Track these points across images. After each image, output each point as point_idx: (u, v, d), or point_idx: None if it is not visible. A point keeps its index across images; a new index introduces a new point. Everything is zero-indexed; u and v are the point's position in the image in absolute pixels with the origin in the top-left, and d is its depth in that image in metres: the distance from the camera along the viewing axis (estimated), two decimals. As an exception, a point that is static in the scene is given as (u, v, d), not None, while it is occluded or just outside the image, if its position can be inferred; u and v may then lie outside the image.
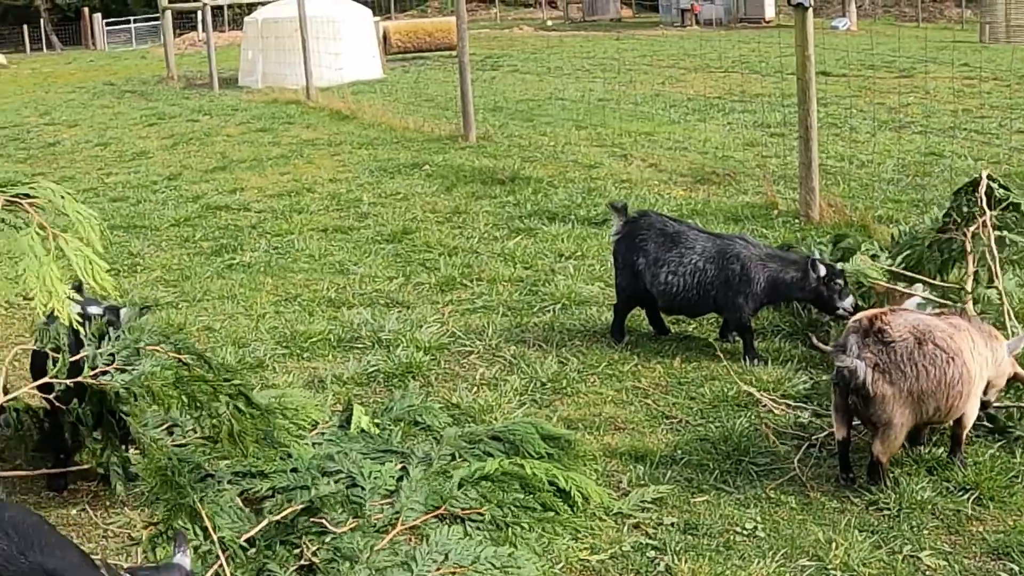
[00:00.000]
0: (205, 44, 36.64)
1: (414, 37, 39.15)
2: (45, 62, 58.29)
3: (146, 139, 21.71)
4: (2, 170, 19.46)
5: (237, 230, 13.15)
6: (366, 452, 6.73)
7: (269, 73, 31.34)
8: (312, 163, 17.20)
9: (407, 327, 9.18)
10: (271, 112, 23.71)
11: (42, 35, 77.32)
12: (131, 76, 39.65)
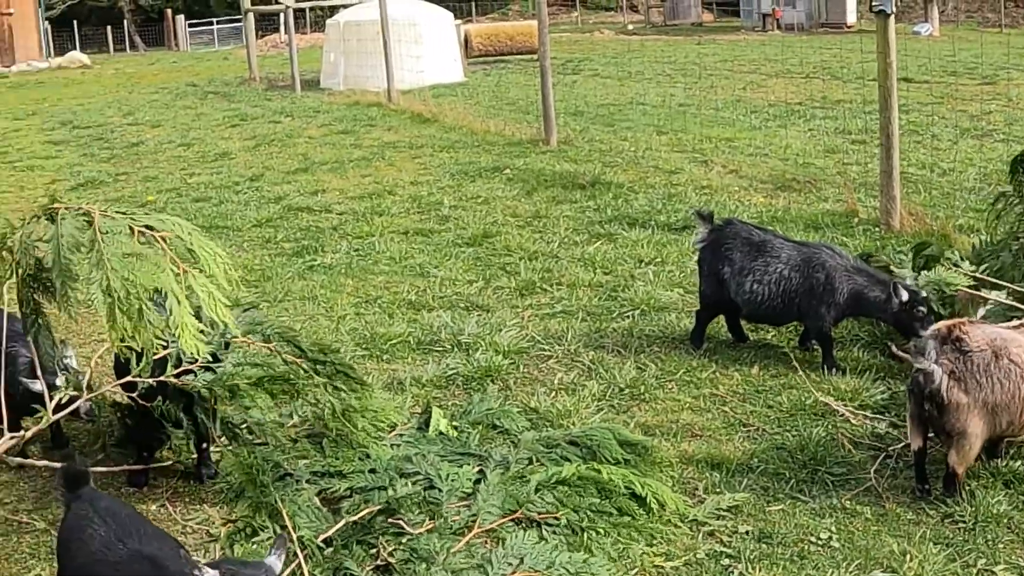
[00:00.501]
0: (287, 46, 36.90)
1: (495, 40, 39.25)
2: (128, 63, 58.90)
3: (228, 140, 21.93)
4: (87, 169, 19.74)
5: (318, 231, 13.25)
6: (444, 454, 6.79)
7: (351, 75, 31.51)
8: (393, 165, 17.29)
9: (487, 331, 9.22)
10: (353, 114, 23.83)
11: (125, 36, 78.11)
12: (213, 77, 39.97)
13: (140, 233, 6.06)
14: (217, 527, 6.50)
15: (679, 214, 12.79)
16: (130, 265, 5.85)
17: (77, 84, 44.65)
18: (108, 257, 5.87)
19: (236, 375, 6.28)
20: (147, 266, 5.87)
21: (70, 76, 50.31)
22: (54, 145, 24.24)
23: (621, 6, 79.32)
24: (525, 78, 31.46)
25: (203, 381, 6.31)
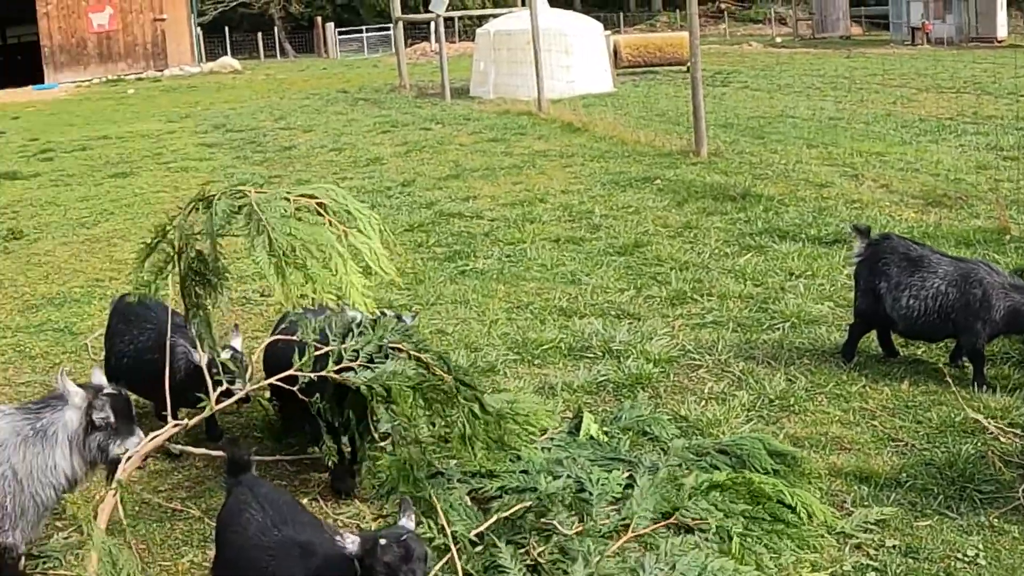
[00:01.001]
0: (436, 54, 37.15)
1: (644, 52, 39.26)
2: (279, 69, 59.71)
3: (380, 146, 22.21)
4: (240, 172, 20.11)
5: (470, 237, 13.41)
6: (594, 459, 6.85)
7: (500, 84, 31.70)
8: (544, 174, 17.40)
9: (637, 339, 9.28)
10: (503, 123, 24.00)
11: (275, 42, 79.14)
12: (363, 84, 40.38)
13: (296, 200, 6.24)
14: (368, 522, 6.68)
15: (829, 228, 12.74)
16: (290, 224, 6.03)
17: (229, 89, 45.40)
18: (267, 220, 6.05)
19: (394, 376, 6.39)
20: (306, 225, 6.03)
21: (222, 81, 51.17)
22: (207, 147, 24.75)
23: (769, 19, 78.93)
24: (674, 89, 31.46)
25: (363, 379, 6.44)
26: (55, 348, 10.77)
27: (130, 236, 15.54)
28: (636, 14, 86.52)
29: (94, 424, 6.00)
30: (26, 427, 5.94)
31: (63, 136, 30.61)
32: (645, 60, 38.85)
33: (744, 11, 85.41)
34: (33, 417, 5.98)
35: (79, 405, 5.99)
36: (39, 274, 13.86)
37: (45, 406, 6.05)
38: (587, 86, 30.93)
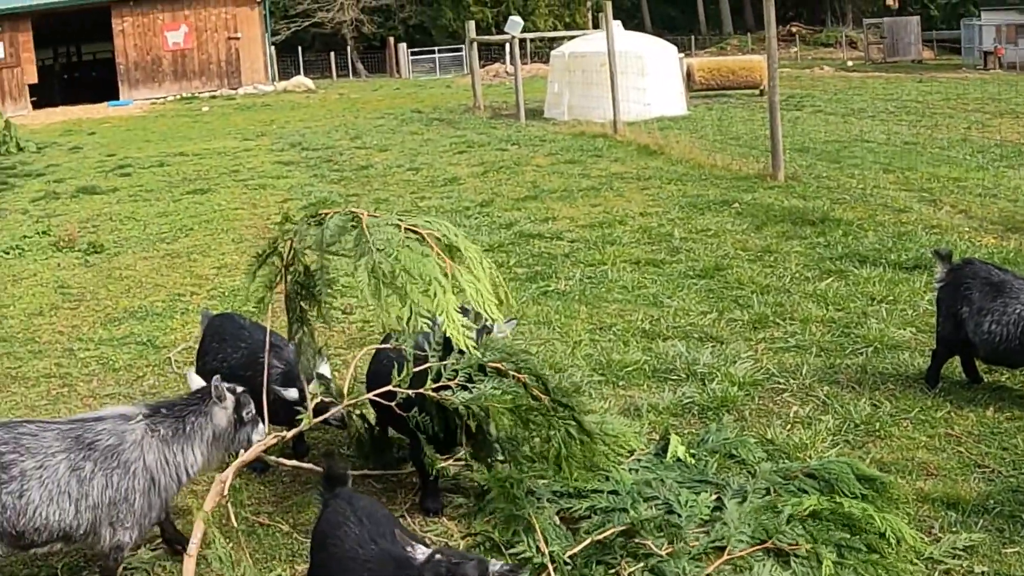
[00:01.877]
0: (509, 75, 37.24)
1: (717, 75, 39.21)
2: (352, 88, 59.97)
3: (456, 166, 22.30)
4: (317, 190, 20.26)
5: (551, 258, 13.47)
6: (682, 481, 6.89)
7: (575, 106, 31.74)
8: (622, 196, 17.41)
9: (721, 361, 9.32)
10: (579, 144, 24.01)
11: (348, 62, 79.51)
12: (437, 104, 40.51)
13: (406, 229, 6.33)
14: (456, 540, 6.71)
15: (909, 253, 12.69)
16: (396, 250, 6.12)
17: (303, 107, 45.67)
18: (374, 242, 6.15)
19: (492, 397, 6.46)
20: (413, 254, 6.12)
21: (295, 99, 51.46)
22: (284, 165, 24.93)
23: (840, 42, 78.69)
24: (747, 113, 31.41)
25: (462, 399, 6.51)
26: (138, 361, 10.92)
27: (210, 252, 15.72)
28: (707, 36, 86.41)
29: (242, 420, 6.52)
30: (167, 428, 6.32)
31: (140, 152, 30.92)
32: (718, 83, 38.80)
33: (815, 35, 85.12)
34: (175, 420, 6.37)
35: (228, 407, 6.47)
36: (120, 288, 14.03)
37: (189, 412, 6.43)
38: (662, 108, 30.90)
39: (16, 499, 5.96)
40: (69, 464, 6.06)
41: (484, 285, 6.29)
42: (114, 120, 47.07)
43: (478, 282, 6.26)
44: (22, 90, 58.56)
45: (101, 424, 6.27)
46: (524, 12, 71.14)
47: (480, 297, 6.24)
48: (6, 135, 34.96)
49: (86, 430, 6.21)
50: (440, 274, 6.15)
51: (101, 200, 22.11)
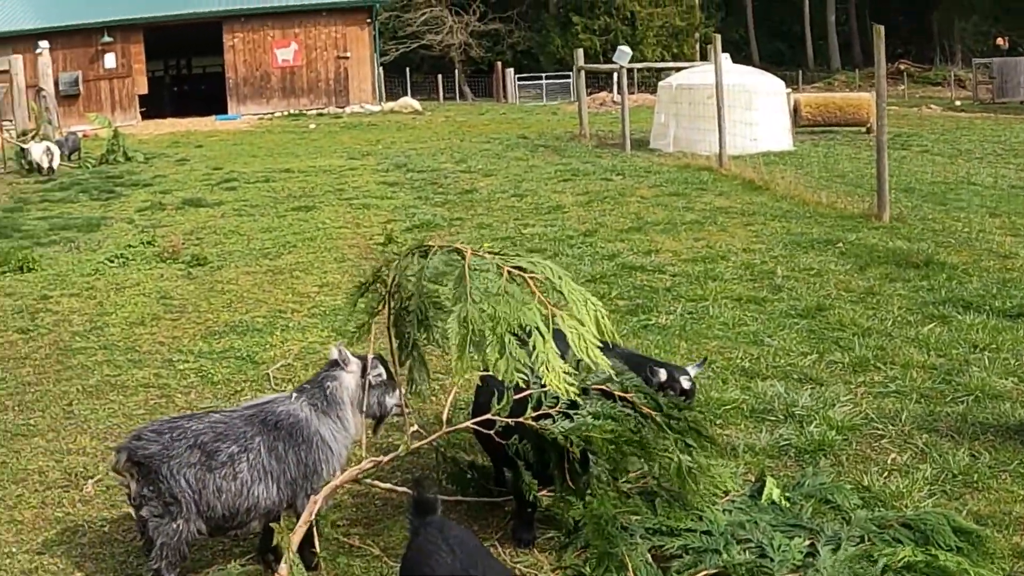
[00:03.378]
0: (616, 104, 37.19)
1: (824, 111, 38.95)
2: (458, 111, 60.22)
3: (561, 194, 22.30)
4: (421, 212, 20.36)
5: (652, 291, 13.40)
6: (776, 524, 6.82)
7: (681, 137, 31.66)
8: (725, 231, 17.33)
9: (820, 404, 9.21)
10: (683, 177, 23.91)
11: (455, 85, 79.88)
12: (543, 131, 40.56)
13: (509, 273, 6.33)
14: (546, 573, 6.70)
15: (1014, 300, 12.49)
16: (492, 300, 6.12)
17: (409, 128, 45.90)
18: (470, 291, 6.17)
19: (593, 427, 6.45)
20: (512, 302, 6.11)
21: (402, 120, 51.77)
22: (388, 186, 25.08)
23: (948, 81, 78.04)
24: (854, 150, 31.17)
25: (561, 428, 6.51)
26: (237, 375, 11.02)
27: (312, 269, 15.84)
28: (815, 72, 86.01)
29: (371, 384, 6.90)
30: (320, 401, 6.77)
31: (246, 167, 31.27)
32: (825, 119, 38.53)
33: (923, 72, 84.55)
34: (319, 390, 6.83)
35: (355, 370, 6.88)
36: (222, 301, 14.18)
37: (324, 378, 6.91)
38: (768, 143, 30.71)
39: (231, 482, 6.44)
40: (266, 445, 6.56)
41: (588, 329, 6.26)
42: (221, 134, 47.61)
43: (581, 326, 6.24)
44: (132, 101, 59.50)
45: (276, 406, 6.76)
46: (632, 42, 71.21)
47: (582, 343, 6.21)
48: (115, 144, 35.53)
49: (267, 413, 6.71)
50: (541, 322, 6.12)
51: (206, 213, 22.37)
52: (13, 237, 20.63)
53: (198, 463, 6.41)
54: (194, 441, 6.46)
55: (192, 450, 6.42)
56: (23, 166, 33.69)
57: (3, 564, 7.30)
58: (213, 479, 6.42)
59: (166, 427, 6.57)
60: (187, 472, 6.38)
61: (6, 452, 9.30)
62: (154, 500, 6.37)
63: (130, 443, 6.51)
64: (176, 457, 6.39)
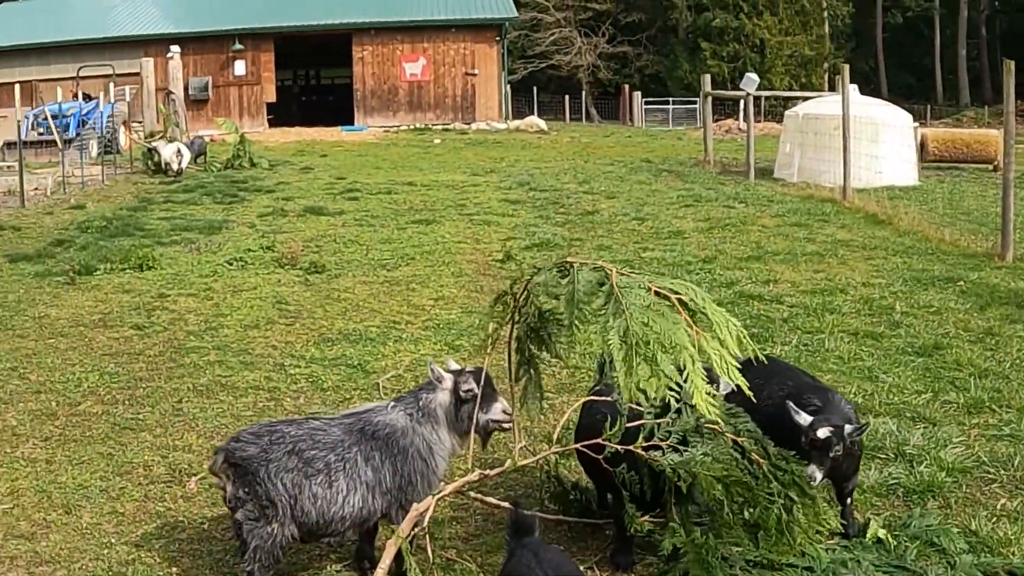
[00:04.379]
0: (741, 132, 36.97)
1: (951, 147, 38.41)
2: (584, 132, 60.24)
3: (682, 219, 22.23)
4: (541, 231, 20.37)
5: (768, 321, 13.32)
6: (878, 565, 6.76)
7: (805, 168, 31.36)
8: (846, 264, 17.13)
9: (931, 444, 9.04)
10: (806, 207, 23.68)
11: (582, 106, 79.93)
12: (667, 155, 40.46)
13: (656, 292, 6.31)
14: (639, 600, 6.69)
15: None
16: (650, 315, 6.10)
17: (534, 148, 45.99)
18: (628, 305, 6.14)
19: (703, 464, 6.41)
20: (665, 321, 6.09)
21: (527, 139, 51.87)
22: (510, 204, 25.14)
23: (1083, 118, 76.77)
24: (980, 188, 30.64)
25: (671, 461, 6.47)
26: (347, 383, 11.13)
27: (429, 282, 15.94)
28: (943, 107, 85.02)
29: (461, 398, 6.88)
30: (416, 413, 6.86)
31: (369, 178, 31.54)
32: (951, 155, 37.98)
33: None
34: (414, 403, 6.92)
35: (448, 387, 6.91)
36: (337, 309, 14.31)
37: (420, 392, 7.01)
38: (892, 177, 30.34)
39: (326, 489, 6.53)
40: (363, 455, 6.65)
41: (729, 351, 6.22)
42: (347, 144, 48.04)
43: (722, 348, 6.20)
44: (260, 108, 60.31)
45: (374, 416, 6.85)
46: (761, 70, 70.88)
47: (725, 364, 6.17)
48: (240, 150, 36.06)
49: (364, 423, 6.80)
50: (688, 343, 6.09)
51: (327, 221, 22.60)
52: (135, 236, 21.00)
53: (295, 468, 6.50)
54: (292, 447, 6.55)
55: (290, 456, 6.52)
56: (149, 167, 34.38)
57: (101, 554, 7.44)
58: (309, 485, 6.51)
59: (265, 430, 6.68)
60: (284, 476, 6.47)
61: (114, 445, 9.49)
62: (250, 503, 6.46)
63: (228, 445, 6.61)
64: (274, 461, 6.48)
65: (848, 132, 25.84)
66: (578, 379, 10.98)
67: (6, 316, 14.39)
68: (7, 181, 28.90)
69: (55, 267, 17.88)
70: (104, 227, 22.19)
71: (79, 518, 8.07)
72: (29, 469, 9.01)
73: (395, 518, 6.76)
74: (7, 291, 16.09)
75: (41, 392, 11.13)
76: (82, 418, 10.30)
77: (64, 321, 14.10)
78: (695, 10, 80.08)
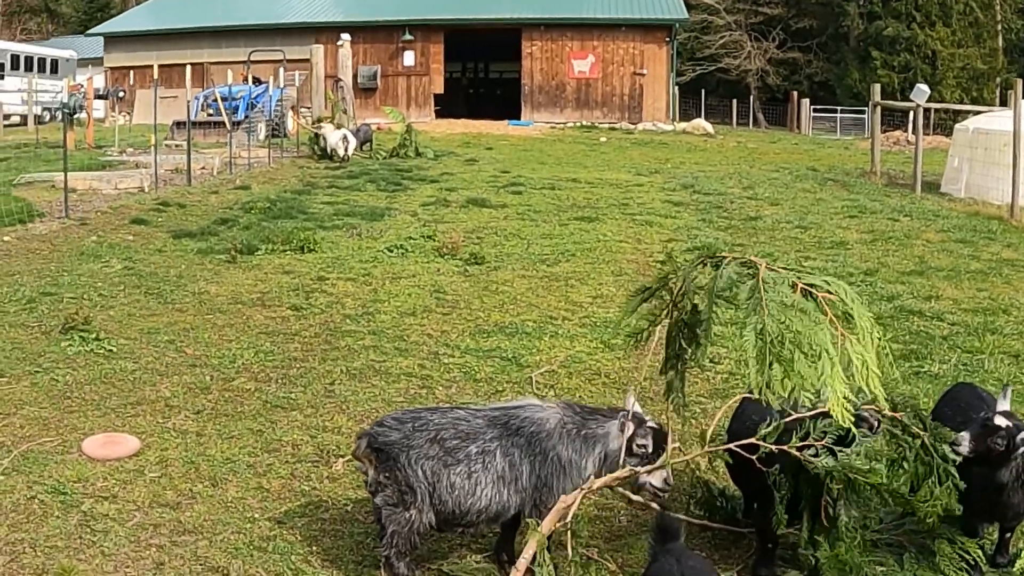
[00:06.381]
0: (909, 144, 36.42)
1: None
2: (750, 137, 59.83)
3: (846, 230, 21.98)
4: (703, 234, 20.32)
5: (928, 338, 13.11)
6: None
7: (973, 184, 30.83)
8: (1010, 284, 16.80)
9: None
10: (972, 224, 23.25)
11: (749, 111, 79.37)
12: (833, 164, 40.01)
13: (803, 289, 6.26)
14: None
15: None
16: (789, 314, 6.04)
17: (699, 151, 45.77)
18: (767, 302, 6.09)
19: (860, 469, 6.32)
20: (806, 320, 6.03)
21: (692, 142, 51.63)
22: (673, 205, 25.04)
23: None
24: None
25: (825, 465, 6.39)
26: (500, 375, 11.20)
27: (588, 280, 15.94)
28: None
29: (632, 451, 6.75)
30: (571, 426, 6.78)
31: (533, 173, 31.57)
32: None
33: None
34: (580, 420, 6.83)
35: (625, 433, 6.75)
36: (494, 301, 14.38)
37: (594, 416, 6.90)
38: (1063, 197, 29.77)
39: (465, 480, 6.59)
40: (503, 450, 6.66)
41: (871, 358, 6.16)
42: (512, 139, 48.16)
43: (866, 353, 6.13)
44: (428, 99, 60.70)
45: (524, 412, 6.83)
46: (931, 81, 69.77)
47: (865, 371, 6.10)
48: (407, 139, 36.34)
49: (511, 417, 6.80)
50: (831, 344, 6.03)
51: (489, 214, 22.69)
52: (298, 219, 21.31)
53: (436, 456, 6.58)
54: (435, 435, 6.64)
55: (432, 444, 6.60)
56: (315, 151, 34.84)
57: (244, 528, 7.60)
58: (448, 474, 6.58)
59: (409, 417, 6.78)
60: (424, 464, 6.56)
61: (264, 422, 9.67)
62: (389, 488, 6.56)
63: (372, 430, 6.70)
64: (416, 448, 6.57)
65: (1019, 148, 25.39)
66: (732, 384, 10.93)
67: (167, 290, 14.73)
68: (175, 159, 29.48)
69: (217, 245, 18.25)
70: (267, 208, 22.58)
71: (225, 491, 8.28)
72: (179, 440, 9.26)
73: (529, 516, 6.77)
74: (169, 266, 16.46)
75: (196, 366, 11.41)
76: (234, 394, 10.56)
77: (223, 298, 14.40)
78: (867, 18, 78.96)
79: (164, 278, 15.53)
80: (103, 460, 8.72)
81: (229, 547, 7.35)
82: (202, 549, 7.32)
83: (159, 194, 24.41)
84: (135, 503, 8.00)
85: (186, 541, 7.43)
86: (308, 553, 7.29)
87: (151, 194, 24.40)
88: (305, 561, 7.19)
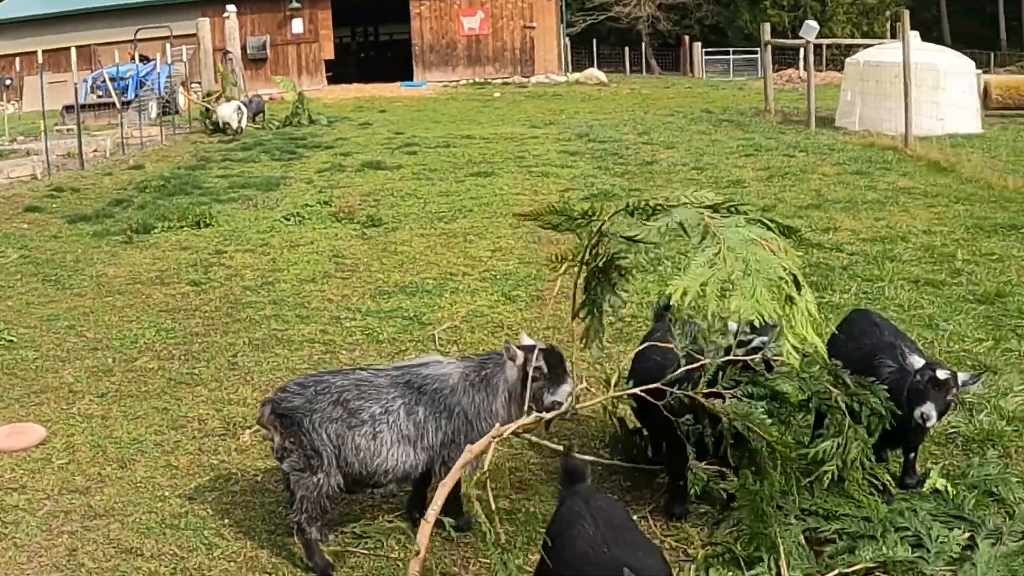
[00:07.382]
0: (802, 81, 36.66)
1: (1016, 94, 37.97)
2: (644, 84, 60.05)
3: (742, 168, 22.13)
4: (600, 182, 20.33)
5: (828, 269, 13.21)
6: (935, 514, 6.65)
7: (866, 116, 31.09)
8: (907, 212, 16.93)
9: (992, 393, 8.93)
10: (867, 155, 23.43)
11: (642, 58, 79.51)
12: (727, 106, 40.26)
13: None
14: (695, 548, 6.66)
15: None
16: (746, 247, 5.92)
17: (593, 100, 45.90)
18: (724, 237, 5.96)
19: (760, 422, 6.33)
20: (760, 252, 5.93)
21: (586, 91, 51.77)
22: (569, 155, 25.09)
23: None
24: (1044, 135, 30.28)
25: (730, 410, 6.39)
26: (402, 335, 11.18)
27: (486, 234, 15.93)
28: (1008, 54, 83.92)
29: (530, 375, 6.72)
30: (472, 375, 6.77)
31: (427, 132, 31.57)
32: (1015, 103, 37.53)
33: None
34: (478, 367, 6.83)
35: (518, 361, 6.75)
36: (393, 262, 14.35)
37: (488, 359, 6.91)
38: (955, 125, 29.92)
39: (370, 441, 6.54)
40: (407, 409, 6.62)
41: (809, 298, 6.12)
42: (406, 100, 48.11)
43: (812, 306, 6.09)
44: (319, 66, 60.43)
45: (426, 370, 6.80)
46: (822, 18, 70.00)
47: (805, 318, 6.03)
48: (299, 107, 36.21)
49: (413, 375, 6.76)
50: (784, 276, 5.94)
51: (384, 176, 22.66)
52: (193, 194, 21.18)
53: (339, 419, 6.51)
54: (338, 397, 6.56)
55: (335, 406, 6.53)
56: (207, 126, 34.61)
57: (155, 507, 7.52)
58: (352, 436, 6.52)
59: (311, 381, 6.70)
60: (328, 427, 6.48)
61: (169, 400, 9.58)
62: (295, 453, 6.50)
63: (275, 396, 6.64)
64: (319, 411, 6.49)
65: (910, 79, 25.55)
66: (635, 328, 10.91)
67: (64, 275, 14.53)
68: (67, 144, 29.13)
69: (113, 227, 18.05)
70: (162, 186, 22.38)
71: (133, 472, 8.16)
72: (85, 425, 9.12)
73: (439, 474, 6.74)
74: (66, 252, 16.25)
75: (98, 349, 11.26)
76: (138, 374, 10.42)
77: (121, 279, 14.23)
78: (755, -41, 79.35)
79: (61, 264, 15.34)
80: (9, 451, 8.58)
81: (141, 527, 7.25)
82: (114, 532, 7.22)
83: (52, 180, 24.10)
84: (44, 492, 7.88)
85: (98, 525, 7.32)
86: (220, 526, 7.22)
87: (44, 181, 24.11)
88: (218, 535, 7.11)
